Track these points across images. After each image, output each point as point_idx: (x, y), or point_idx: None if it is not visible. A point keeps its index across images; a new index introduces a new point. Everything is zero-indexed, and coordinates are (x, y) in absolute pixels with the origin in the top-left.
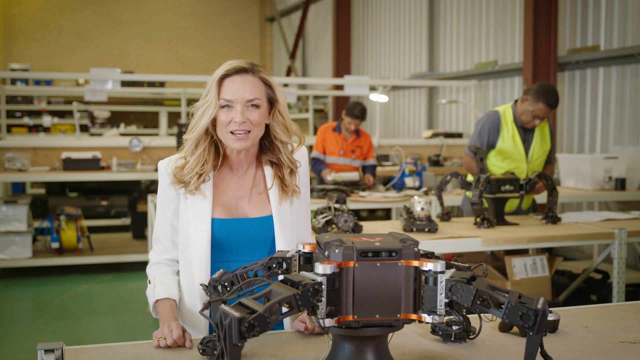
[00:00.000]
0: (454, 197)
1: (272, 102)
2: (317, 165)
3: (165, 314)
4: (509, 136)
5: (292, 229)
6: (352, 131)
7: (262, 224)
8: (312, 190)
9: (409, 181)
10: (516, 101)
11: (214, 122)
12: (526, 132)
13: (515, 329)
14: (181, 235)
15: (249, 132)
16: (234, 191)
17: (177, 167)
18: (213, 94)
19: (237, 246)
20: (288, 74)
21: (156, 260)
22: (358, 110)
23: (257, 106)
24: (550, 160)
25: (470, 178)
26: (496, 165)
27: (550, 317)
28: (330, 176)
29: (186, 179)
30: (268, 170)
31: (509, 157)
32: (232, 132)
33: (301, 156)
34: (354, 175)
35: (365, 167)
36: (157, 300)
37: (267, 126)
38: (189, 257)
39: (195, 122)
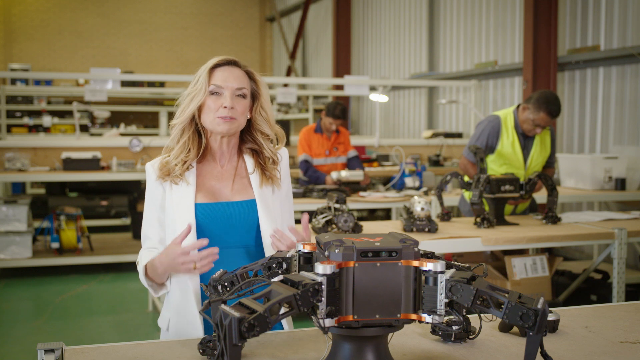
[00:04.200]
0: (454, 197)
1: (255, 96)
2: (310, 170)
3: (154, 263)
4: (508, 142)
5: (277, 215)
6: (334, 130)
7: (245, 207)
8: (312, 190)
9: (409, 181)
10: (518, 106)
11: (199, 110)
12: (526, 139)
13: (515, 329)
14: (168, 226)
15: (234, 119)
16: (217, 180)
17: (162, 161)
18: (203, 81)
19: (222, 231)
20: (288, 74)
21: (140, 255)
22: (339, 111)
23: (243, 96)
24: (550, 164)
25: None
26: (493, 170)
27: (550, 317)
28: (335, 174)
29: (171, 165)
30: (249, 160)
31: (506, 163)
32: (218, 117)
33: (282, 153)
34: (359, 175)
35: (350, 161)
36: (146, 267)
37: (249, 121)
38: None
39: (182, 108)
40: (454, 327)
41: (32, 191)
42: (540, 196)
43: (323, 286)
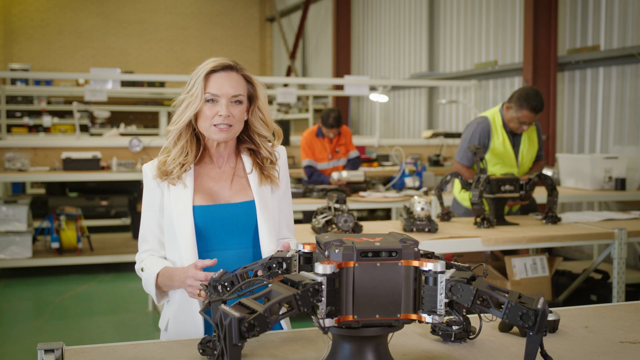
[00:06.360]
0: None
1: (252, 99)
2: (315, 175)
3: (174, 274)
4: (499, 142)
5: (275, 216)
6: (335, 135)
7: (244, 208)
8: (312, 190)
9: (409, 181)
10: (503, 104)
11: (196, 115)
12: (514, 136)
13: (515, 329)
14: (167, 228)
15: (231, 126)
16: (215, 181)
17: (160, 161)
18: (199, 88)
19: (221, 233)
20: (288, 74)
21: (142, 259)
22: (333, 119)
23: (240, 102)
24: (540, 157)
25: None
26: (487, 169)
27: (550, 317)
28: (336, 175)
29: (169, 168)
30: (247, 160)
31: (500, 162)
32: (214, 125)
33: (280, 151)
34: (360, 175)
35: (348, 162)
36: (158, 275)
37: (246, 122)
38: (177, 250)
39: (178, 114)
40: (454, 327)
41: (32, 191)
42: (540, 196)
43: (323, 286)
